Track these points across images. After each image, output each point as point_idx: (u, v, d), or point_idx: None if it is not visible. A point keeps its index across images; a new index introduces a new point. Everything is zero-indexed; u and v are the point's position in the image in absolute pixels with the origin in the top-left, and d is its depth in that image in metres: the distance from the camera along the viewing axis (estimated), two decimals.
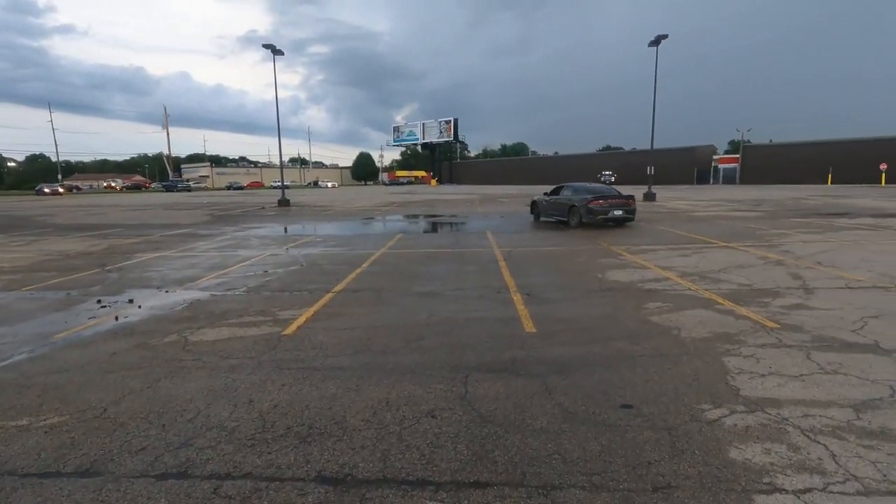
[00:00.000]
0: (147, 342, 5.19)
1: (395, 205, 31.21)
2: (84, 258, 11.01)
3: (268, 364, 4.49)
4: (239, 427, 3.35)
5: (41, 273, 9.23)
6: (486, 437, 3.17)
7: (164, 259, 10.77)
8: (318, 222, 19.84)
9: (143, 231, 16.82)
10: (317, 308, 6.42)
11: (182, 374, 4.30)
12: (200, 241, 13.74)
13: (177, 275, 8.93)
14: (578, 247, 11.54)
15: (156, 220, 21.65)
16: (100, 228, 18.03)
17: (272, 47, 28.03)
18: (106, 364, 4.58)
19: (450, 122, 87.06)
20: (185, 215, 24.11)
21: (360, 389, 3.92)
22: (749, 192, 42.06)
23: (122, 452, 3.06)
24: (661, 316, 5.81)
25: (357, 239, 14.14)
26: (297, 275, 8.73)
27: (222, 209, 28.49)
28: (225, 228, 17.49)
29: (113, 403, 3.75)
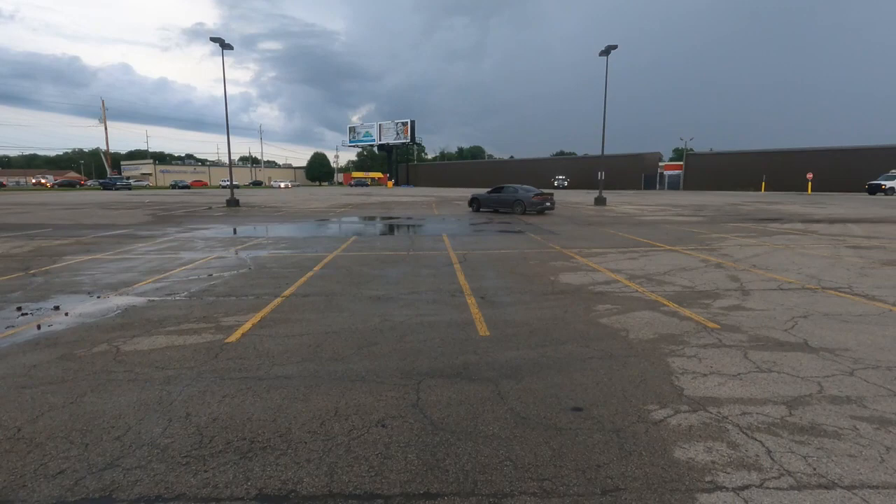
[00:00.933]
0: (72, 353, 4.78)
1: (350, 206, 30.68)
2: (4, 261, 10.10)
3: (208, 374, 4.23)
4: (173, 444, 3.12)
5: None
6: (437, 446, 3.10)
7: (97, 262, 10.04)
8: (269, 224, 19.18)
9: (76, 232, 15.67)
10: (264, 314, 6.15)
11: (111, 387, 3.98)
12: (139, 243, 12.94)
13: (111, 279, 8.34)
14: (532, 250, 11.71)
15: (90, 220, 20.24)
16: (25, 229, 16.65)
17: (221, 41, 26.93)
18: (23, 378, 4.17)
19: (406, 124, 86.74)
20: (123, 215, 22.69)
21: (307, 399, 3.76)
22: (691, 197, 44.32)
23: (37, 477, 2.77)
24: (611, 318, 5.95)
25: (309, 241, 13.75)
26: (243, 279, 8.35)
27: (165, 209, 27.03)
28: (167, 229, 16.57)
29: (29, 422, 3.40)
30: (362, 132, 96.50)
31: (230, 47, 27.65)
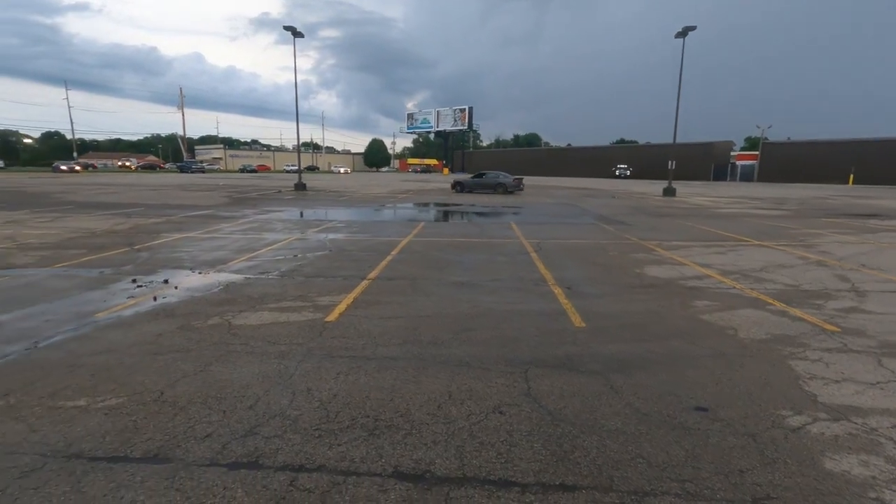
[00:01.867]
0: (190, 324, 5.12)
1: (411, 192, 31.02)
2: (110, 236, 10.99)
3: (317, 351, 4.39)
4: (302, 416, 3.26)
5: (71, 250, 9.21)
6: (561, 437, 3.04)
7: (190, 240, 10.71)
8: (337, 208, 19.74)
9: (164, 211, 16.81)
10: (355, 295, 6.31)
11: (232, 358, 4.22)
12: (224, 224, 13.69)
13: (206, 256, 8.87)
14: (608, 240, 11.34)
15: (174, 200, 21.65)
16: (121, 207, 18.06)
17: (293, 29, 27.74)
18: (153, 346, 4.50)
19: (464, 111, 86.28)
20: (203, 197, 24.11)
21: (418, 381, 3.81)
22: (769, 189, 41.36)
23: (188, 439, 2.97)
24: (712, 315, 5.63)
25: (380, 226, 14.02)
26: (327, 260, 8.63)
27: (239, 192, 28.47)
28: (245, 211, 17.44)
29: (168, 387, 3.67)
30: (420, 119, 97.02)
31: (301, 35, 28.44)
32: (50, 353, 4.29)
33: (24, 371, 3.92)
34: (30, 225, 12.74)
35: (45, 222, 13.37)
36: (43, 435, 3.00)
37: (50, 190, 26.85)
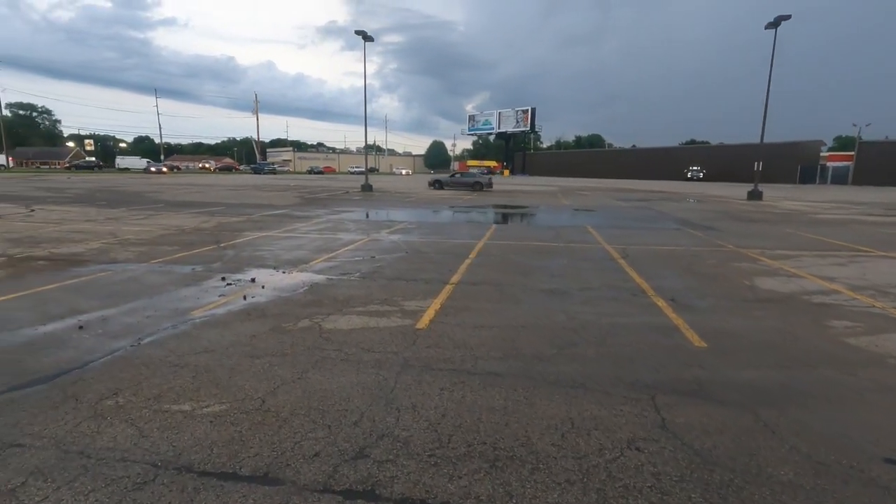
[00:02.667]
0: (281, 325, 5.02)
1: (475, 195, 30.70)
2: (198, 234, 11.46)
3: (414, 362, 4.11)
4: (412, 438, 2.96)
5: (164, 247, 9.64)
6: (723, 487, 2.54)
7: (270, 239, 10.95)
8: (405, 209, 19.76)
9: (244, 210, 17.51)
10: (441, 300, 6.02)
11: (328, 365, 4.02)
12: (299, 223, 13.99)
13: (288, 255, 8.96)
14: (701, 247, 10.40)
15: (251, 200, 22.61)
16: (204, 206, 19.04)
17: (363, 33, 28.29)
18: (249, 348, 4.41)
19: (527, 112, 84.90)
20: (276, 196, 25.06)
21: (532, 403, 3.42)
22: (869, 194, 37.32)
23: (296, 457, 2.76)
24: (859, 339, 4.82)
25: (451, 228, 13.77)
26: (405, 263, 8.44)
27: (310, 192, 29.40)
28: (318, 211, 17.83)
29: (269, 394, 3.51)
30: (481, 120, 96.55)
31: (371, 39, 28.95)
32: (153, 351, 4.30)
33: (130, 369, 3.92)
34: (127, 222, 13.61)
35: (140, 220, 14.25)
36: (152, 442, 2.89)
37: (142, 189, 28.98)
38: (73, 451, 2.80)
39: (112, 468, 2.64)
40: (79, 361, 4.06)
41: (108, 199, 21.18)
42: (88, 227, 12.40)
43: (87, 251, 9.01)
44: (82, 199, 20.84)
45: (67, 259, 8.26)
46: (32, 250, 8.94)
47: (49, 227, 12.05)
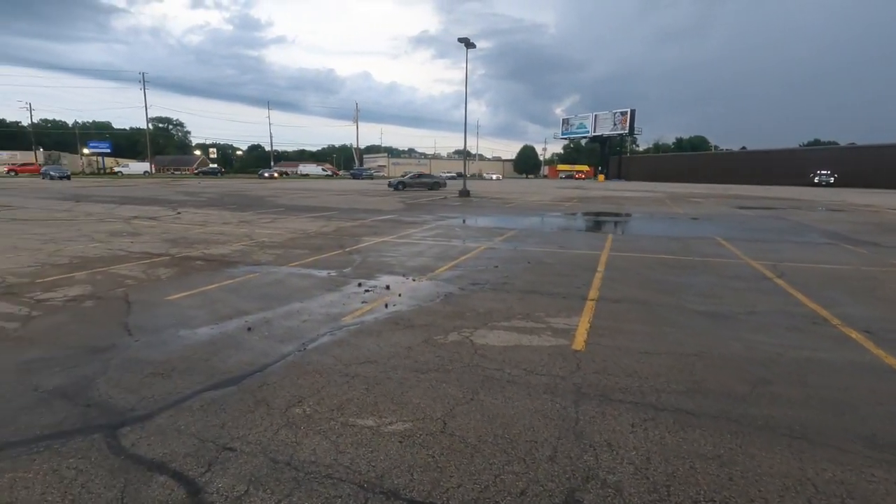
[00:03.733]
0: (432, 338, 4.96)
1: (575, 200, 29.64)
2: (322, 238, 12.08)
3: (589, 391, 3.79)
4: (623, 485, 2.65)
5: (296, 250, 10.23)
6: None
7: (389, 245, 11.22)
8: (509, 216, 19.47)
9: (355, 215, 18.30)
10: (588, 319, 5.64)
11: (496, 387, 3.84)
12: (411, 229, 14.26)
13: (412, 262, 9.06)
14: (874, 267, 8.94)
15: (359, 205, 23.65)
16: (319, 210, 20.21)
17: (466, 40, 28.55)
18: (410, 361, 4.37)
19: (625, 114, 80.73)
20: (380, 202, 26.02)
21: (749, 454, 2.95)
22: None
23: (501, 493, 2.57)
24: None
25: (564, 237, 13.25)
26: (532, 274, 8.14)
27: (409, 197, 30.22)
28: (424, 216, 18.14)
29: (447, 415, 3.39)
30: (576, 123, 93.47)
31: (473, 45, 29.14)
32: (320, 358, 4.41)
33: (305, 376, 4.03)
34: (257, 225, 14.77)
35: (267, 223, 15.40)
36: (350, 459, 2.87)
37: (262, 194, 31.63)
38: (280, 460, 2.84)
39: (322, 485, 2.63)
40: (257, 364, 4.26)
41: (237, 203, 23.29)
42: (227, 229, 13.61)
43: (231, 252, 9.81)
44: (215, 203, 23.12)
45: (218, 260, 9.03)
46: (188, 251, 9.91)
47: (195, 229, 13.40)
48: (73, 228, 13.07)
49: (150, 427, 3.20)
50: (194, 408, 3.47)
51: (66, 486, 2.61)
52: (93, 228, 13.19)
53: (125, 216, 16.51)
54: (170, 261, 8.85)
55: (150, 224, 14.44)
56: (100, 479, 2.66)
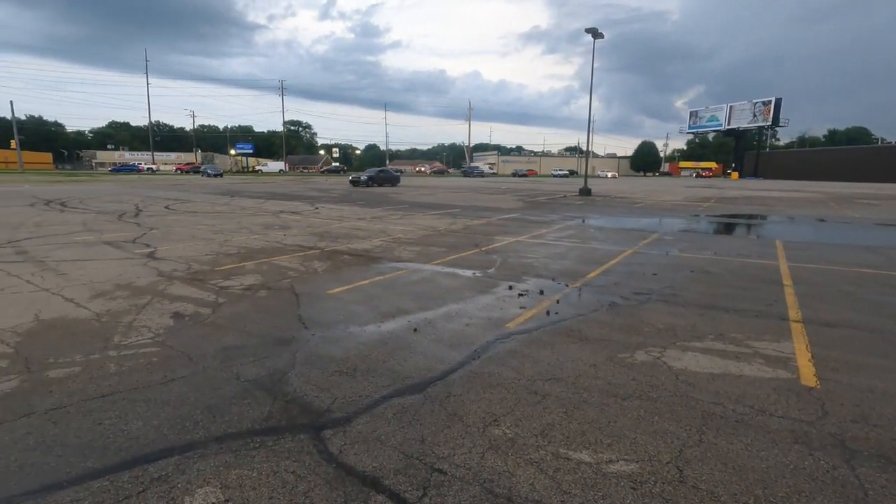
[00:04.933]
0: (616, 356, 4.39)
1: (712, 200, 26.67)
2: (454, 236, 12.00)
3: (857, 446, 2.97)
4: None
5: (432, 248, 10.21)
6: None
7: (524, 245, 10.77)
8: (642, 216, 17.97)
9: (478, 213, 18.15)
10: (805, 346, 4.65)
11: (726, 428, 3.18)
12: (541, 228, 13.68)
13: (555, 265, 8.51)
14: None
15: (478, 202, 23.54)
16: (442, 208, 20.42)
17: (594, 31, 27.03)
18: (600, 382, 3.86)
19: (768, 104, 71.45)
20: (498, 199, 25.71)
21: None
22: None
23: None
24: None
25: (717, 241, 11.74)
26: (700, 285, 7.14)
27: (527, 196, 29.54)
28: (550, 216, 17.42)
29: (679, 460, 2.82)
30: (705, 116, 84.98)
31: (601, 36, 27.51)
32: (500, 370, 4.08)
33: (490, 389, 3.72)
34: (389, 221, 15.22)
35: (398, 219, 15.82)
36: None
37: (384, 191, 33.08)
38: (499, 493, 2.52)
39: None
40: (435, 371, 4.06)
41: (364, 200, 24.49)
42: (362, 224, 14.18)
43: (373, 248, 10.06)
44: (345, 199, 24.55)
45: (363, 255, 9.28)
46: (334, 245, 10.37)
47: (335, 224, 14.15)
48: (234, 221, 14.54)
49: (351, 433, 3.09)
50: (388, 415, 3.31)
51: (290, 492, 2.52)
52: (249, 221, 14.55)
53: (273, 210, 18.08)
54: (321, 254, 9.28)
55: (294, 218, 15.58)
56: (320, 490, 2.54)
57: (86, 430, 3.12)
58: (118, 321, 5.24)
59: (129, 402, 3.48)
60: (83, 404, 3.44)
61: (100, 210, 16.87)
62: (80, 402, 3.47)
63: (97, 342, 4.62)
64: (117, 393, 3.61)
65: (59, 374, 3.93)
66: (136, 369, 4.02)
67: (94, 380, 3.82)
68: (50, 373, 3.94)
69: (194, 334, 4.86)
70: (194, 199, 23.35)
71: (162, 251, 9.35)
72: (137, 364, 4.12)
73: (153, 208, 18.03)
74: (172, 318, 5.34)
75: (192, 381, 3.82)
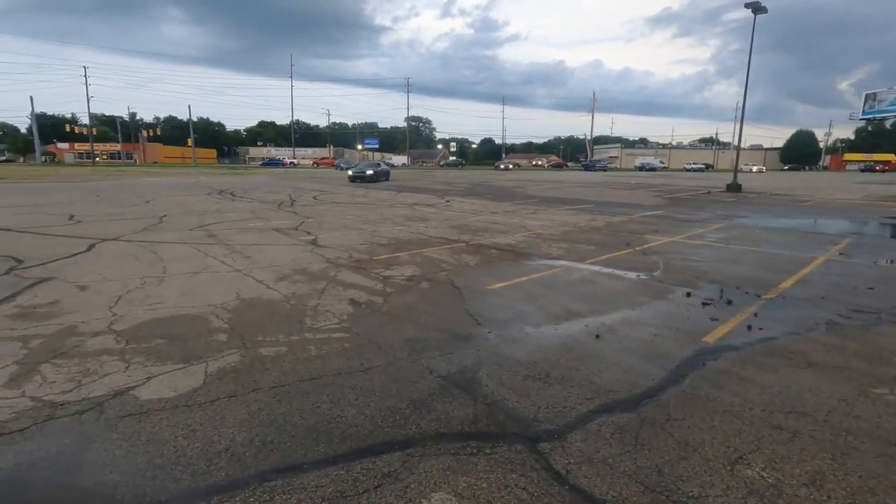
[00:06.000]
0: (870, 391, 3.57)
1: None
2: (598, 233, 11.27)
3: None
4: None
5: (580, 245, 9.64)
6: None
7: (683, 246, 9.71)
8: (816, 217, 15.39)
9: (616, 209, 17.00)
10: None
11: None
12: (695, 228, 12.31)
13: (730, 270, 7.48)
14: None
15: (612, 198, 22.15)
16: (573, 203, 19.53)
17: (755, 4, 23.76)
18: (865, 424, 3.12)
19: None
20: (633, 195, 23.97)
21: None
22: None
23: None
24: None
25: None
26: None
27: (663, 191, 27.18)
28: (699, 214, 15.70)
29: None
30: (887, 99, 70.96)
31: (764, 10, 24.10)
32: (718, 393, 3.52)
33: (716, 416, 3.19)
34: (522, 215, 14.87)
35: (530, 214, 15.40)
36: None
37: (506, 185, 32.80)
38: None
39: None
40: (640, 386, 3.63)
41: (491, 193, 24.43)
42: (497, 218, 14.01)
43: (518, 243, 9.79)
44: (472, 193, 24.72)
45: (509, 250, 9.05)
46: (477, 238, 10.30)
47: (470, 217, 14.16)
48: (376, 212, 15.29)
49: (571, 450, 2.81)
50: (605, 434, 2.98)
51: None
52: (390, 213, 15.20)
53: (407, 202, 18.75)
54: (467, 248, 9.24)
55: (430, 211, 15.95)
56: None
57: (307, 411, 3.25)
58: (304, 304, 5.60)
59: (338, 387, 3.59)
60: (298, 385, 3.62)
61: (262, 199, 18.90)
62: (296, 382, 3.67)
63: (293, 324, 4.95)
64: (325, 377, 3.76)
65: (269, 352, 4.23)
66: (334, 354, 4.19)
67: (300, 361, 4.04)
68: (262, 350, 4.27)
69: (374, 323, 4.99)
70: (335, 190, 25.22)
71: (322, 239, 10.05)
72: (333, 349, 4.30)
73: (303, 198, 19.76)
74: (350, 305, 5.58)
75: (388, 371, 3.86)
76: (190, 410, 3.26)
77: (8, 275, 6.85)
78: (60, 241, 9.55)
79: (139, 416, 3.18)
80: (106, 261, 7.83)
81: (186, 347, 4.31)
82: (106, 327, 4.78)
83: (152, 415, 3.20)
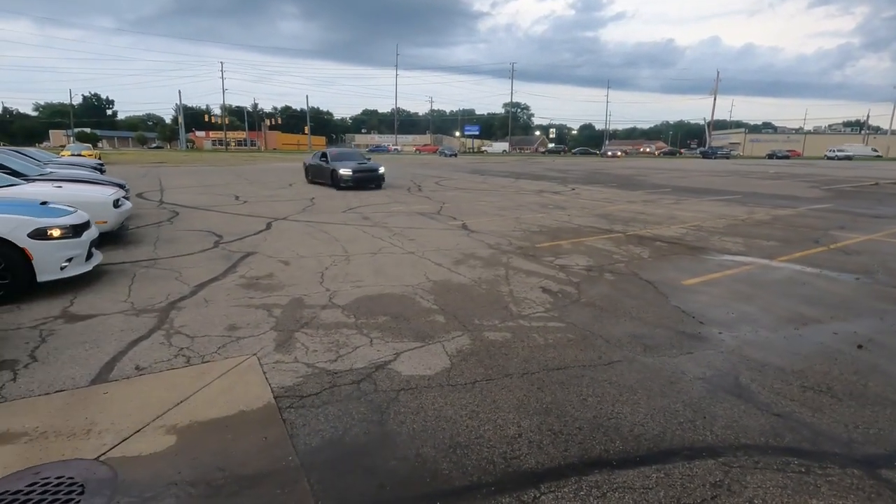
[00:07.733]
0: None
1: None
2: (767, 227, 10.10)
3: None
4: None
5: (754, 240, 8.67)
6: None
7: (886, 245, 8.34)
8: None
9: (770, 201, 15.22)
10: None
11: None
12: (891, 224, 10.58)
13: None
14: None
15: (756, 188, 19.93)
16: (714, 193, 17.85)
17: None
18: None
19: None
20: (779, 185, 21.39)
21: None
22: None
23: None
24: None
25: None
26: None
27: (815, 181, 23.96)
28: (880, 208, 13.52)
29: None
30: None
31: None
32: None
33: None
34: (664, 205, 13.82)
35: (673, 203, 14.29)
36: None
37: (623, 173, 31.01)
38: None
39: None
40: None
41: (613, 182, 23.20)
42: (638, 208, 13.16)
43: (682, 236, 9.06)
44: (591, 180, 23.67)
45: (677, 243, 8.38)
46: (631, 229, 9.71)
47: (609, 206, 13.47)
48: (506, 199, 15.14)
49: None
50: None
51: None
52: (520, 199, 14.96)
53: (531, 189, 18.38)
54: (626, 238, 8.73)
55: (560, 198, 15.45)
56: None
57: (577, 403, 3.15)
58: (497, 290, 5.57)
59: (591, 380, 3.46)
60: (548, 374, 3.54)
61: (387, 185, 19.63)
62: (543, 371, 3.59)
63: (499, 309, 4.92)
64: (570, 367, 3.65)
65: (496, 336, 4.22)
66: (563, 344, 4.06)
67: (534, 349, 3.97)
68: (487, 334, 4.27)
69: (584, 314, 4.80)
70: (452, 176, 25.53)
71: (471, 224, 10.10)
72: (558, 339, 4.18)
73: (427, 184, 20.20)
74: (545, 294, 5.45)
75: (634, 367, 3.65)
76: (455, 390, 3.30)
77: (217, 248, 7.68)
78: (241, 219, 10.60)
79: (411, 391, 3.29)
80: (289, 238, 8.50)
81: (413, 326, 4.44)
82: (328, 301, 5.11)
83: (422, 391, 3.29)
